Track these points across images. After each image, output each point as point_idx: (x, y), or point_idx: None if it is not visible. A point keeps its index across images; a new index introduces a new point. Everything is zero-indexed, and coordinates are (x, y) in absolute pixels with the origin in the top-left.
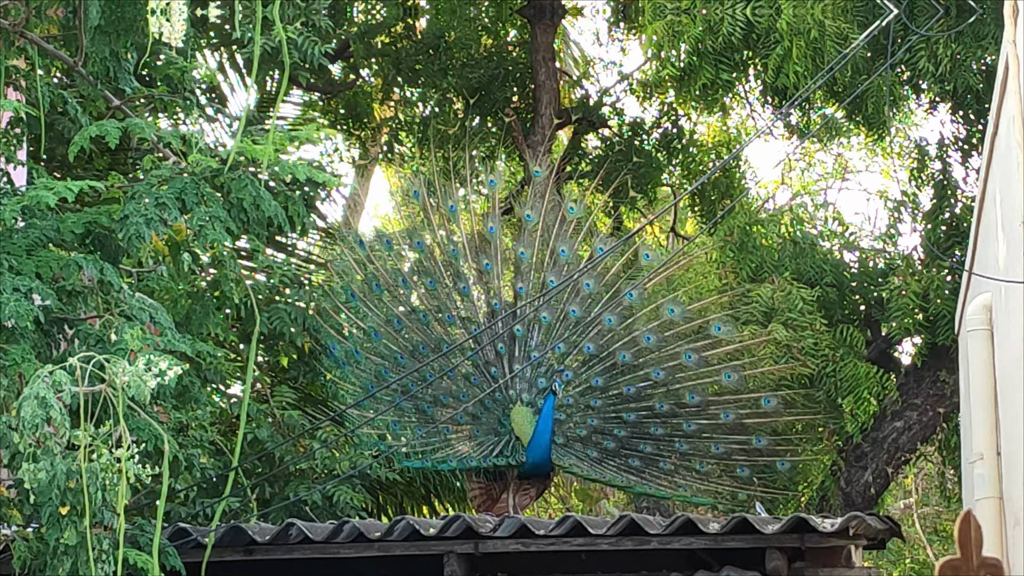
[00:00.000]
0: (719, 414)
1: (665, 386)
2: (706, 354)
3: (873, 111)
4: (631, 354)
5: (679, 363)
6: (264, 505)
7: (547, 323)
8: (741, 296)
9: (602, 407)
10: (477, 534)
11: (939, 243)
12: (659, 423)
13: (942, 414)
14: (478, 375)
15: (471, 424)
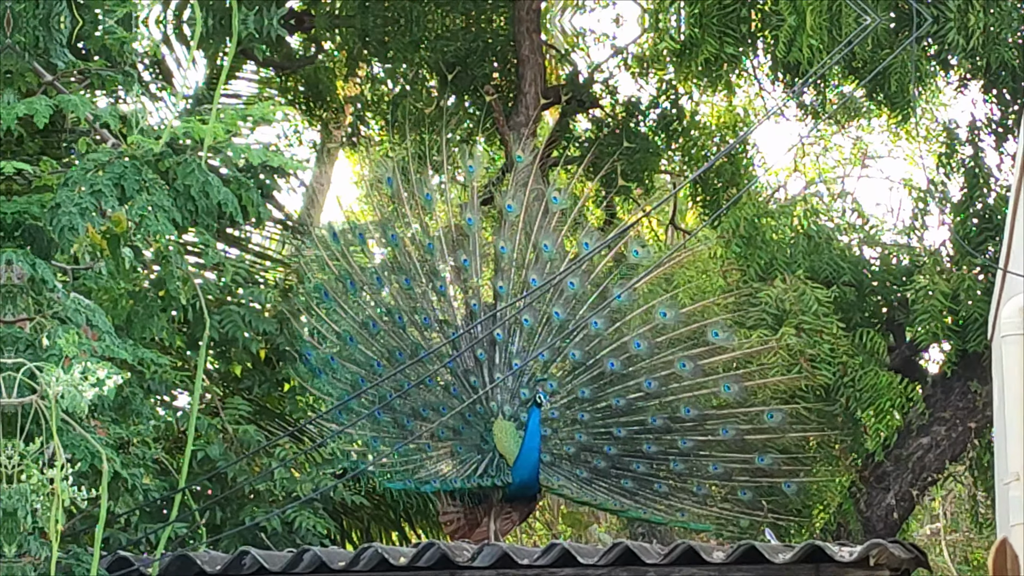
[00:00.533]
0: (718, 429)
1: (658, 398)
2: (704, 362)
3: (896, 89)
4: (620, 362)
5: (673, 372)
6: (215, 531)
7: (529, 326)
8: (748, 297)
9: (590, 421)
10: (453, 564)
11: (970, 238)
12: (652, 439)
13: (973, 429)
14: (457, 385)
15: (452, 440)
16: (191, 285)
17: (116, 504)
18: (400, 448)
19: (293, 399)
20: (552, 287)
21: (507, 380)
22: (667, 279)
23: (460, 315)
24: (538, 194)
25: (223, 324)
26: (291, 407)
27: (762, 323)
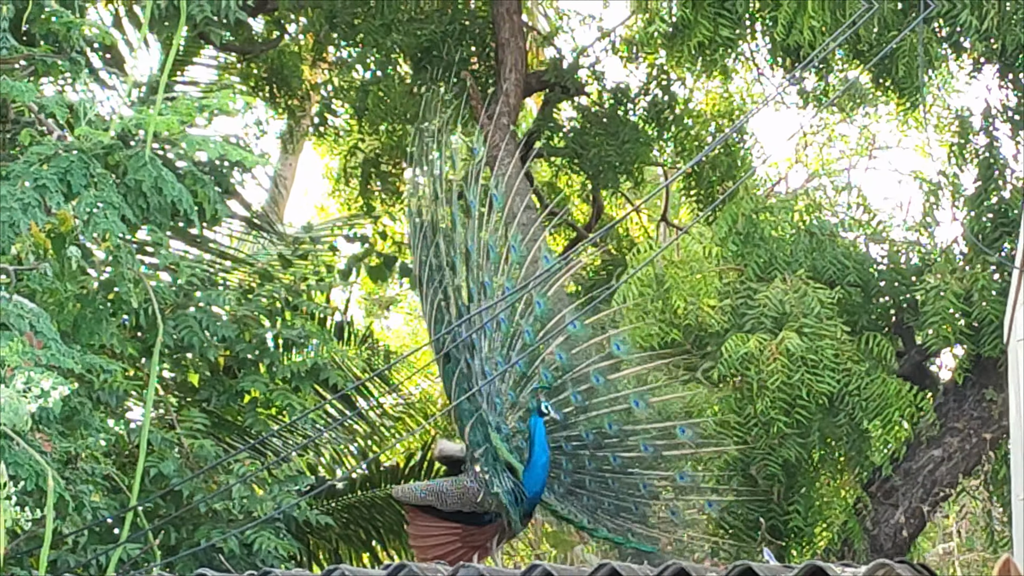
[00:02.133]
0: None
1: (617, 437)
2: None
3: (905, 75)
4: (583, 394)
5: (628, 408)
6: (169, 553)
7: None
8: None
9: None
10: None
11: (984, 234)
12: (588, 455)
13: (989, 440)
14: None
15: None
16: (143, 287)
17: (63, 524)
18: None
19: (254, 411)
20: (520, 299)
21: (485, 390)
22: (658, 280)
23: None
24: (519, 190)
25: (178, 329)
26: (251, 420)
27: (761, 326)
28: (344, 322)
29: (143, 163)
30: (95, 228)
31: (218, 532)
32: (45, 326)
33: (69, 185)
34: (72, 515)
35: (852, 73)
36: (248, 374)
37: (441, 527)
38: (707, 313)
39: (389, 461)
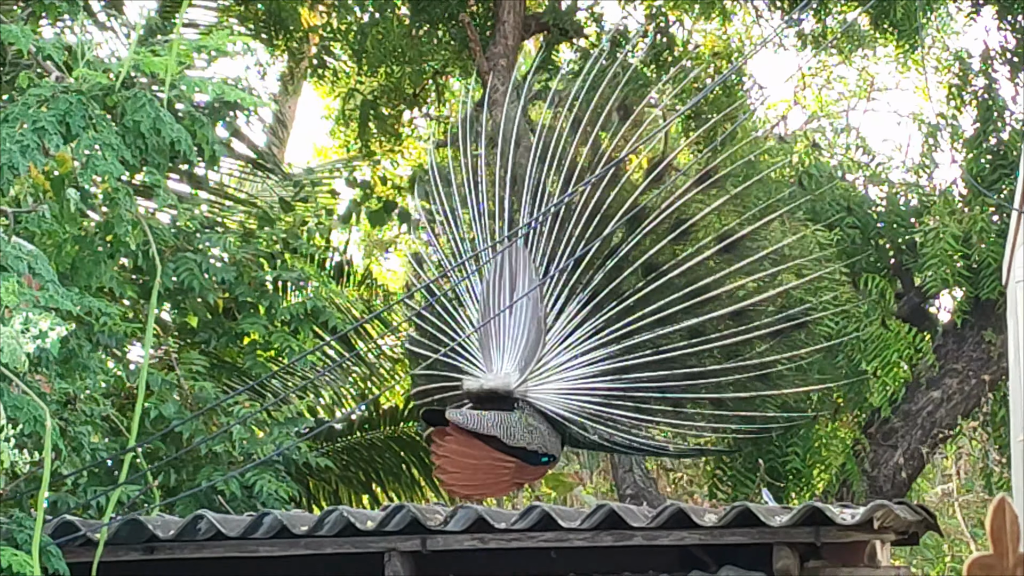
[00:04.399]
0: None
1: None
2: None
3: (903, 16)
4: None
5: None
6: (169, 494)
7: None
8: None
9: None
10: (425, 528)
11: (983, 176)
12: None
13: (987, 382)
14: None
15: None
16: (142, 229)
17: (61, 465)
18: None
19: (253, 353)
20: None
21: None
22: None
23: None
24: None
25: (178, 272)
26: (251, 362)
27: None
28: (344, 263)
29: (142, 104)
30: (94, 170)
31: (218, 474)
32: (43, 268)
33: (68, 127)
34: (71, 456)
35: (851, 15)
36: (247, 316)
37: (496, 460)
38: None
39: (388, 403)
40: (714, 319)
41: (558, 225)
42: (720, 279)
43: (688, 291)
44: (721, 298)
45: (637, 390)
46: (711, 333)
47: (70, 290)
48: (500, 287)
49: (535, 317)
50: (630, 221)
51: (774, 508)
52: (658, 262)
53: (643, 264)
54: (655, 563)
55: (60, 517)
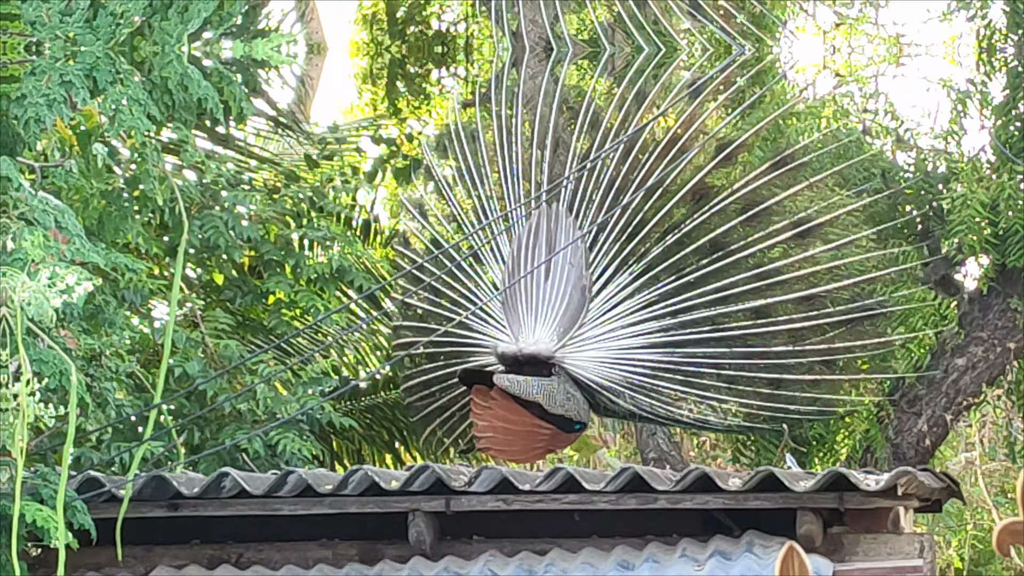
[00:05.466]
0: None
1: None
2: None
3: None
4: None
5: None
6: (193, 452)
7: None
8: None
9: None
10: (449, 489)
11: (1012, 143)
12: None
13: (1012, 350)
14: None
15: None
16: (168, 185)
17: (87, 421)
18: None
19: (278, 313)
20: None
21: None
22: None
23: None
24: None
25: (204, 229)
26: (276, 321)
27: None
28: (370, 220)
29: (169, 60)
30: (121, 125)
31: (242, 432)
32: (70, 222)
33: (95, 81)
34: (96, 412)
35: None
36: (273, 275)
37: (535, 427)
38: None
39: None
40: (782, 302)
41: (611, 195)
42: (793, 263)
43: (757, 272)
44: (791, 282)
45: (689, 364)
46: (778, 315)
47: (97, 245)
48: (535, 251)
49: (578, 284)
50: (695, 198)
51: (798, 473)
52: (725, 241)
53: (709, 241)
54: (678, 527)
55: (84, 473)
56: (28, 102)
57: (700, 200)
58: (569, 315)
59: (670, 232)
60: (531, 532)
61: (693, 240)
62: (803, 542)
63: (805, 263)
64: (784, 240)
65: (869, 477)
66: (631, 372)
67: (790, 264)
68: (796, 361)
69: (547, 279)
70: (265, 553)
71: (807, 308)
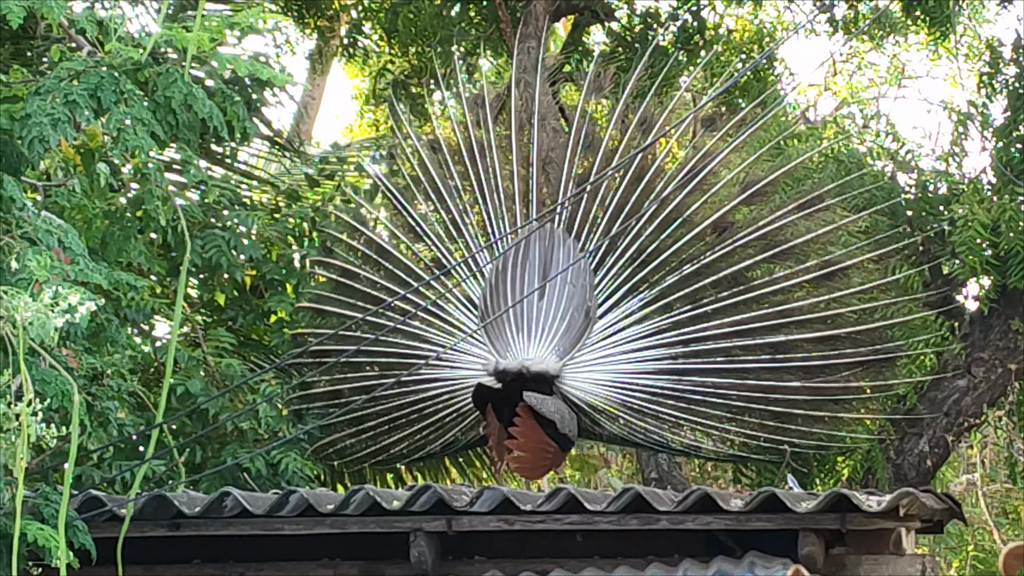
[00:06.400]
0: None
1: None
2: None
3: (935, 3)
4: None
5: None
6: (194, 471)
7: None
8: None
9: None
10: (450, 508)
11: (1013, 164)
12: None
13: (1014, 371)
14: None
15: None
16: (171, 205)
17: (88, 440)
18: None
19: (280, 332)
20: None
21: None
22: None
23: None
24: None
25: (206, 248)
26: (278, 340)
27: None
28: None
29: (173, 80)
30: (124, 145)
31: (244, 451)
32: (73, 242)
33: (99, 101)
34: (97, 431)
35: (883, 1)
36: (274, 294)
37: (547, 445)
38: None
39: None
40: (801, 340)
41: (620, 220)
42: (817, 303)
43: (779, 310)
44: (813, 321)
45: (695, 392)
46: (795, 352)
47: (99, 265)
48: (524, 269)
49: (581, 306)
50: (717, 231)
51: (800, 494)
52: (747, 276)
53: (730, 275)
54: (681, 547)
55: (86, 492)
56: (32, 122)
57: (722, 233)
58: (570, 335)
59: (688, 262)
60: (533, 552)
61: (713, 272)
62: (805, 563)
63: (831, 304)
64: (808, 280)
65: (871, 498)
66: (631, 396)
67: (813, 304)
68: (806, 397)
69: (541, 298)
70: (266, 573)
71: (825, 347)
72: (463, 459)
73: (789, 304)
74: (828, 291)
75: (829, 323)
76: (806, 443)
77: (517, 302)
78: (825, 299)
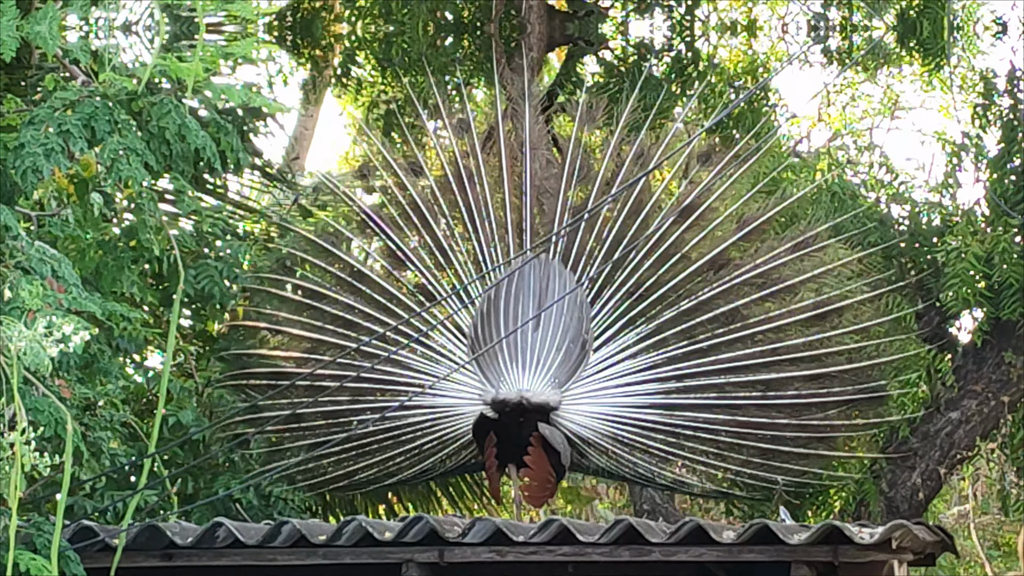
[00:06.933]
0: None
1: None
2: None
3: (929, 35)
4: None
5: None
6: (186, 501)
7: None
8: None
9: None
10: (442, 540)
11: (1007, 196)
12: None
13: (1007, 403)
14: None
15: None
16: (165, 235)
17: (81, 470)
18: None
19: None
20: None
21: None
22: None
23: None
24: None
25: (199, 279)
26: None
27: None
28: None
29: (167, 110)
30: (118, 175)
31: (236, 481)
32: (67, 271)
33: (93, 131)
34: (90, 461)
35: (876, 33)
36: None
37: (548, 474)
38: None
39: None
40: (791, 377)
41: (616, 253)
42: (808, 343)
43: (772, 347)
44: (805, 360)
45: (686, 428)
46: (786, 389)
47: (93, 295)
48: (520, 300)
49: (577, 338)
50: (714, 268)
51: (792, 526)
52: (744, 314)
53: (726, 312)
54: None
55: (78, 522)
56: (26, 152)
57: (719, 271)
58: (566, 367)
59: (685, 298)
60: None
61: (709, 309)
62: None
63: (823, 343)
64: (803, 320)
65: (863, 530)
66: (622, 429)
67: (805, 343)
68: (794, 434)
69: (537, 328)
70: None
71: (815, 385)
72: (454, 489)
73: (783, 342)
74: (820, 330)
75: (820, 362)
76: (791, 479)
77: (512, 332)
78: (817, 338)
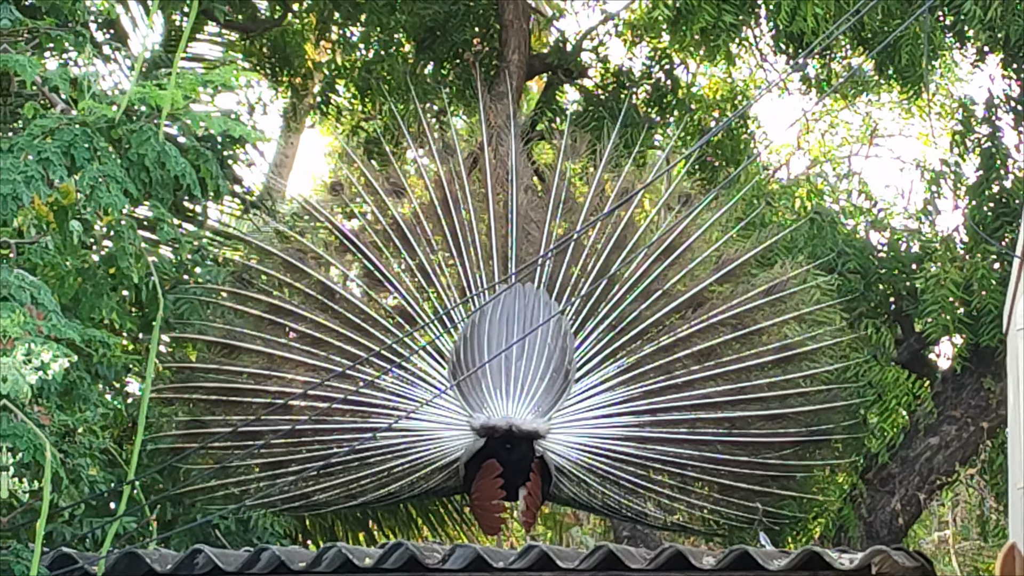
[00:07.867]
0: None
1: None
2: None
3: (908, 63)
4: None
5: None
6: (165, 528)
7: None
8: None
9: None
10: (422, 566)
11: (985, 223)
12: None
13: (986, 429)
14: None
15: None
16: (144, 262)
17: (60, 497)
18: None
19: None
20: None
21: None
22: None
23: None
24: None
25: (178, 305)
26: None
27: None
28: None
29: (147, 137)
30: (98, 202)
31: (215, 508)
32: (46, 299)
33: (72, 158)
34: (69, 488)
35: (855, 60)
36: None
37: (536, 499)
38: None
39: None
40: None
41: (600, 287)
42: (781, 383)
43: (740, 387)
44: (770, 399)
45: (656, 461)
46: (748, 427)
47: (72, 321)
48: (503, 326)
49: (560, 367)
50: (692, 306)
51: (772, 552)
52: (717, 351)
53: (703, 350)
54: None
55: (57, 549)
56: (5, 179)
57: (696, 309)
58: (550, 396)
59: (664, 334)
60: None
61: (688, 346)
62: None
63: (786, 384)
64: (770, 361)
65: (843, 556)
66: (596, 460)
67: (769, 384)
68: (753, 472)
69: (520, 356)
70: None
71: (773, 424)
72: (435, 516)
73: (748, 382)
74: (782, 372)
75: (781, 403)
76: (746, 516)
77: (495, 356)
78: (778, 380)
